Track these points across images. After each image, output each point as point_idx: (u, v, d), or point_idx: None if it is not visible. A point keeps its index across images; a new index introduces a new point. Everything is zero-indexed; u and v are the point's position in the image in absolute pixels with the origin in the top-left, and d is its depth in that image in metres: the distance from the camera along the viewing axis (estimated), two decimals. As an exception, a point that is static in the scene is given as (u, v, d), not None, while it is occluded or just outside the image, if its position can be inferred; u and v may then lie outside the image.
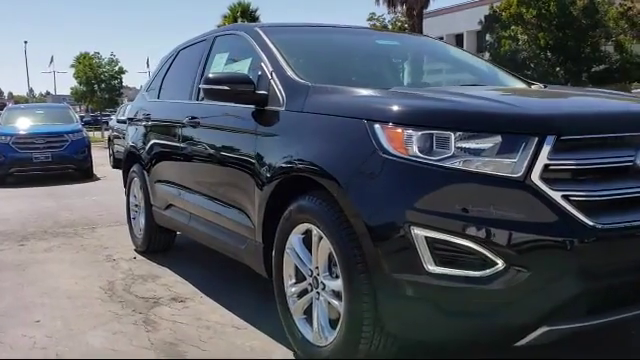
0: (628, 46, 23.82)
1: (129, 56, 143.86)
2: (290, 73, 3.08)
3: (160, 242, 5.09)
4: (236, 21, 45.03)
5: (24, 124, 12.56)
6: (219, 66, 3.89)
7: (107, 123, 42.47)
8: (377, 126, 2.35)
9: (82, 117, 18.54)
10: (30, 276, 4.59)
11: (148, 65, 66.48)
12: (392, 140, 2.29)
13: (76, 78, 60.92)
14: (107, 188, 10.87)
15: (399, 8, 30.27)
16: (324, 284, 2.62)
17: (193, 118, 3.89)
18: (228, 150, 3.43)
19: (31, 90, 75.73)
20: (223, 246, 3.65)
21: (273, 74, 3.16)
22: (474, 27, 29.64)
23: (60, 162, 12.11)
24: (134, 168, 5.23)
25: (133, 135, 5.29)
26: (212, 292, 3.96)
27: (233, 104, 3.33)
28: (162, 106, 4.76)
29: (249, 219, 3.20)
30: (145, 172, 4.90)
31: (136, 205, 5.34)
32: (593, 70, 24.17)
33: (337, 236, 2.44)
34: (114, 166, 15.34)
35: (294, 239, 2.79)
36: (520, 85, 3.68)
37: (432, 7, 30.97)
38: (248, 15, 45.32)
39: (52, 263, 4.99)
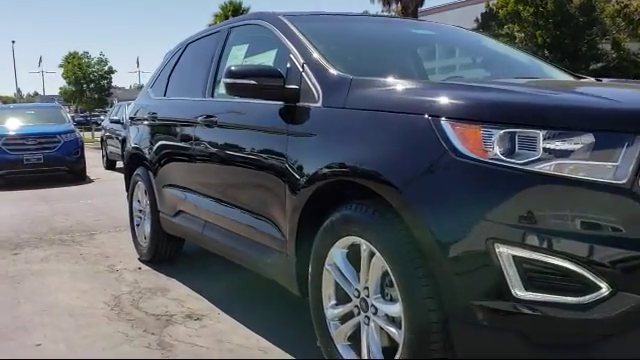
0: (623, 44, 23.66)
1: (119, 56, 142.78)
2: (326, 65, 2.73)
3: (167, 251, 4.72)
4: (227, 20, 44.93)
5: (14, 125, 12.10)
6: (236, 60, 3.53)
7: (97, 123, 41.98)
8: (445, 123, 2.00)
9: (73, 117, 17.94)
10: (27, 290, 4.20)
11: (138, 65, 66.43)
12: (466, 140, 1.94)
13: (65, 78, 60.28)
14: (102, 190, 10.48)
15: (394, 6, 30.02)
16: (376, 307, 2.26)
17: (209, 117, 3.52)
18: (252, 152, 3.07)
19: (19, 90, 74.82)
20: (244, 258, 3.29)
21: (305, 66, 2.80)
22: (470, 25, 29.34)
23: (52, 164, 11.68)
24: (138, 171, 4.85)
25: (137, 136, 4.92)
26: (230, 308, 3.60)
27: (257, 101, 2.98)
28: (170, 104, 4.39)
29: (277, 229, 2.84)
30: (151, 175, 4.53)
31: (140, 211, 4.97)
32: (591, 68, 23.97)
33: (396, 253, 2.09)
34: (107, 167, 14.94)
35: (336, 254, 2.43)
36: (581, 79, 3.33)
37: (427, 5, 30.73)
38: (240, 14, 45.17)
39: (50, 275, 4.60)
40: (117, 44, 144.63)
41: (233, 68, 2.86)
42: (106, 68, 61.47)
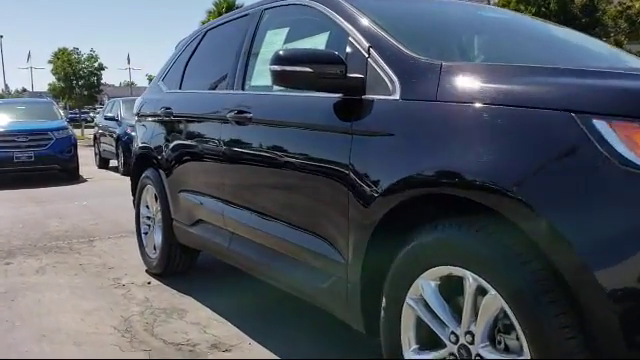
0: (624, 46, 23.43)
1: (109, 52, 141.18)
2: (401, 48, 2.22)
3: (181, 264, 4.19)
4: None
5: (4, 120, 11.46)
6: (274, 46, 3.01)
7: (86, 120, 41.10)
8: (599, 122, 1.50)
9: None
10: (22, 309, 3.66)
11: (129, 61, 65.63)
12: (635, 144, 1.44)
13: (54, 74, 59.54)
14: (96, 191, 9.92)
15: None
16: (482, 359, 1.76)
17: (241, 113, 3.00)
18: (301, 155, 2.56)
19: (7, 87, 73.83)
20: (286, 280, 2.78)
21: (372, 51, 2.29)
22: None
23: (44, 162, 11.10)
24: (147, 173, 4.32)
25: (145, 134, 4.39)
26: (262, 334, 3.09)
27: (306, 93, 2.47)
28: (189, 98, 3.86)
29: (335, 249, 2.33)
30: (164, 178, 4.00)
31: (149, 218, 4.43)
32: (593, 69, 23.66)
33: (525, 293, 1.58)
34: (100, 166, 14.36)
35: (425, 287, 1.93)
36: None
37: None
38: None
39: (48, 290, 4.06)
40: (108, 40, 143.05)
41: (282, 53, 2.34)
42: (96, 64, 60.80)
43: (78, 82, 60.00)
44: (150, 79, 71.15)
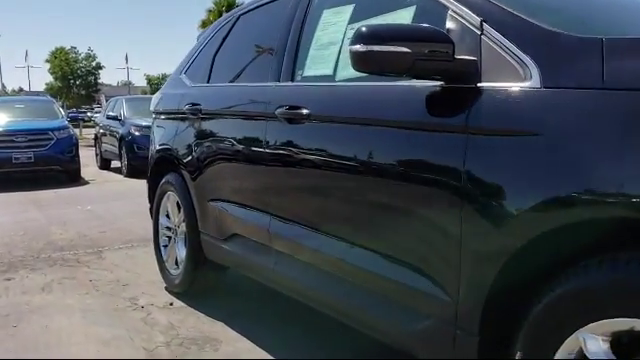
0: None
1: (107, 51, 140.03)
2: (534, 22, 1.70)
3: (208, 282, 3.68)
4: (221, 16, 43.77)
5: (2, 120, 10.89)
6: (335, 28, 2.49)
7: (83, 120, 40.62)
8: None
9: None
10: (27, 338, 3.14)
11: (127, 61, 65.12)
12: None
13: (52, 73, 58.96)
14: (100, 194, 9.39)
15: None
16: None
17: (294, 108, 2.48)
18: (386, 160, 2.03)
19: (3, 86, 73.09)
20: (357, 315, 2.25)
21: (486, 26, 1.77)
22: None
23: (44, 163, 10.55)
24: (169, 178, 3.79)
25: (166, 133, 3.86)
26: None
27: (391, 82, 1.96)
28: (222, 93, 3.33)
29: (435, 283, 1.82)
30: (190, 185, 3.47)
31: (169, 228, 3.91)
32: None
33: None
34: (101, 167, 13.81)
35: (590, 344, 1.41)
36: None
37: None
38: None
39: (56, 313, 3.53)
40: (105, 39, 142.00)
41: (366, 29, 1.82)
42: (94, 64, 60.22)
43: (76, 81, 59.43)
44: (149, 79, 70.88)
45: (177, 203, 3.75)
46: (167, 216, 3.94)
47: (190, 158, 3.44)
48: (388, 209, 2.03)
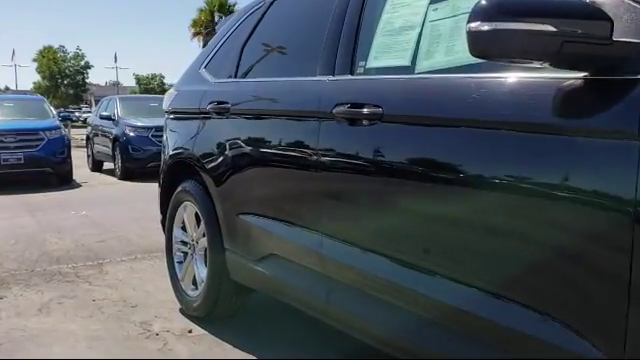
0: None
1: (95, 51, 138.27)
2: None
3: (232, 306, 3.22)
4: (213, 16, 43.24)
5: (-10, 119, 10.39)
6: (406, 10, 2.05)
7: (71, 120, 40.14)
8: None
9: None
10: (25, 375, 2.67)
11: (116, 60, 64.27)
12: None
13: (39, 72, 58.12)
14: (94, 198, 8.91)
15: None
16: None
17: (357, 107, 2.03)
18: (500, 173, 1.58)
19: (-11, 85, 72.07)
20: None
21: (654, 0, 1.34)
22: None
23: (34, 165, 10.02)
24: (186, 186, 3.33)
25: (183, 135, 3.40)
26: None
27: (509, 71, 1.53)
28: (255, 89, 2.87)
29: (583, 338, 1.37)
30: (214, 195, 3.02)
31: (185, 243, 3.45)
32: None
33: None
34: (93, 169, 13.27)
35: None
36: None
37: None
38: (226, 9, 43.54)
39: (56, 341, 3.07)
40: (93, 38, 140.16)
41: (488, 2, 1.38)
42: (82, 63, 59.39)
43: (63, 81, 58.60)
44: (138, 79, 70.16)
45: (196, 214, 3.29)
46: (183, 229, 3.48)
47: (215, 164, 2.98)
48: (501, 234, 1.59)
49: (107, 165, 12.74)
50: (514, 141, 1.54)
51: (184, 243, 3.46)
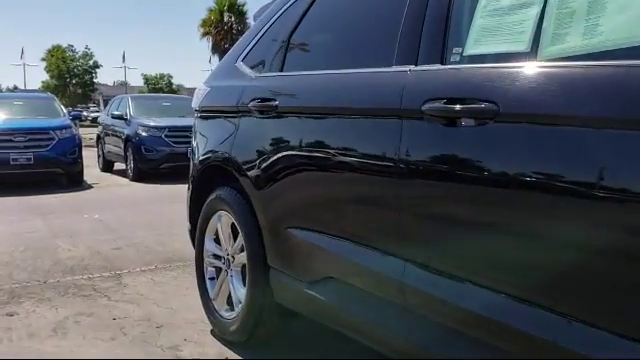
0: None
1: (103, 50, 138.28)
2: None
3: (273, 329, 2.82)
4: (222, 16, 42.94)
5: (-1, 117, 10.05)
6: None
7: (80, 119, 40.02)
8: None
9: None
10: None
11: (124, 60, 64.12)
12: None
13: (48, 72, 57.99)
14: (107, 200, 8.54)
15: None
16: None
17: (456, 102, 1.64)
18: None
19: (-2, 84, 72.03)
20: None
21: None
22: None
23: (44, 165, 9.66)
24: (221, 194, 2.95)
25: (218, 136, 3.02)
26: None
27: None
28: (312, 83, 2.46)
29: None
30: (256, 203, 2.64)
31: (218, 257, 3.06)
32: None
33: None
34: (103, 169, 12.92)
35: None
36: None
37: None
38: (235, 9, 43.25)
39: (76, 370, 2.68)
40: (102, 38, 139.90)
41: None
42: (91, 62, 59.22)
43: (72, 80, 58.45)
44: (146, 78, 70.00)
45: (232, 225, 2.91)
46: (216, 241, 3.10)
47: (259, 169, 2.60)
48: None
49: (118, 165, 12.39)
50: None
51: (217, 257, 3.08)
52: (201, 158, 3.16)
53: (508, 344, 1.54)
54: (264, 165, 2.56)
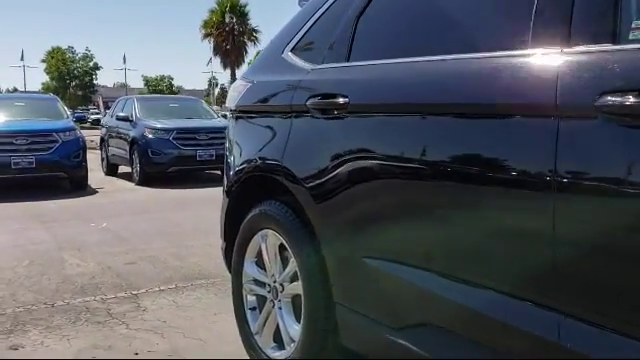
0: None
1: (103, 52, 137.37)
2: None
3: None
4: (224, 17, 42.43)
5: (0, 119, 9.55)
6: None
7: (80, 120, 39.59)
8: None
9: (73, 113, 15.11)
10: None
11: (125, 61, 63.57)
12: None
13: (48, 73, 57.50)
14: (113, 207, 8.04)
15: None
16: None
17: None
18: None
19: (-2, 85, 71.49)
20: None
21: None
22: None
23: (47, 169, 9.18)
24: (267, 209, 2.45)
25: (265, 141, 2.53)
26: None
27: None
28: (400, 74, 1.95)
29: None
30: (317, 224, 2.14)
31: (262, 284, 2.57)
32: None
33: None
34: (107, 173, 12.43)
35: None
36: None
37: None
38: (237, 10, 42.81)
39: None
40: (102, 39, 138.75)
41: None
42: (91, 64, 58.69)
43: (72, 82, 57.94)
44: (146, 80, 69.57)
45: (280, 247, 2.42)
46: (258, 264, 2.61)
47: (321, 181, 2.10)
48: None
49: (122, 169, 11.91)
50: None
51: (260, 284, 2.59)
52: (240, 167, 2.67)
53: None
54: (329, 177, 2.07)
